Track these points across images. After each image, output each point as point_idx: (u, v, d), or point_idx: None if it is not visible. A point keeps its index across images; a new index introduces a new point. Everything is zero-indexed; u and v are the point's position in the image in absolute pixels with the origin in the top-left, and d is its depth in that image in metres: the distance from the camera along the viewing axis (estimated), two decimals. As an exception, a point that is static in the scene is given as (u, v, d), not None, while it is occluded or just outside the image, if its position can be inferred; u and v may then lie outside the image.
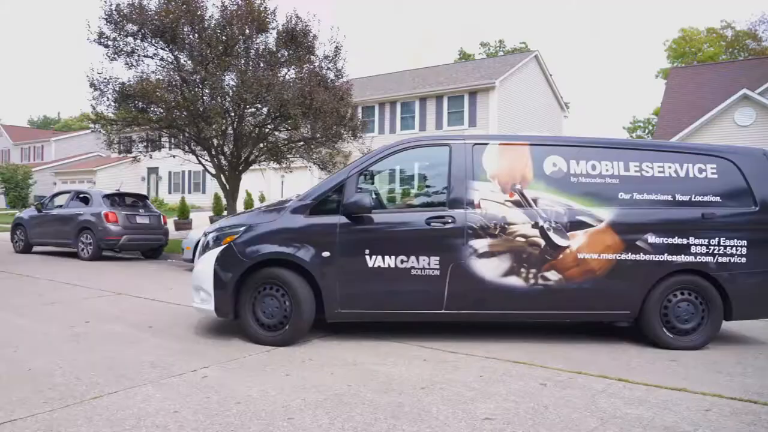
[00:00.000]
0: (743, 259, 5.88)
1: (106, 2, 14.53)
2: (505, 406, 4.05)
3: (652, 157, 6.09)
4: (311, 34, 15.62)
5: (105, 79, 14.93)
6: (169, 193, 39.51)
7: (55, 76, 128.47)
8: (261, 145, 16.31)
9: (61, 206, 14.97)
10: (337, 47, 16.07)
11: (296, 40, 15.36)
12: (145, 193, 35.16)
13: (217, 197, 23.89)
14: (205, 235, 6.25)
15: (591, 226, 5.81)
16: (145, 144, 17.23)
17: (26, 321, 6.75)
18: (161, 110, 14.92)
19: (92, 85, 14.93)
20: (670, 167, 6.03)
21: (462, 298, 5.76)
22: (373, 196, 6.10)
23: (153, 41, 14.96)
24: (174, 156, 17.53)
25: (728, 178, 6.04)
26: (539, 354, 5.50)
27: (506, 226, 5.77)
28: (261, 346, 5.64)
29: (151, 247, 14.75)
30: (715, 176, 6.03)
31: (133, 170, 39.00)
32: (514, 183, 5.90)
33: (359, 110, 22.24)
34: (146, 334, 6.17)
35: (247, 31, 14.61)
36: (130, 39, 14.92)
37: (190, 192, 37.42)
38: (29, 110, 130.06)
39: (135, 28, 14.61)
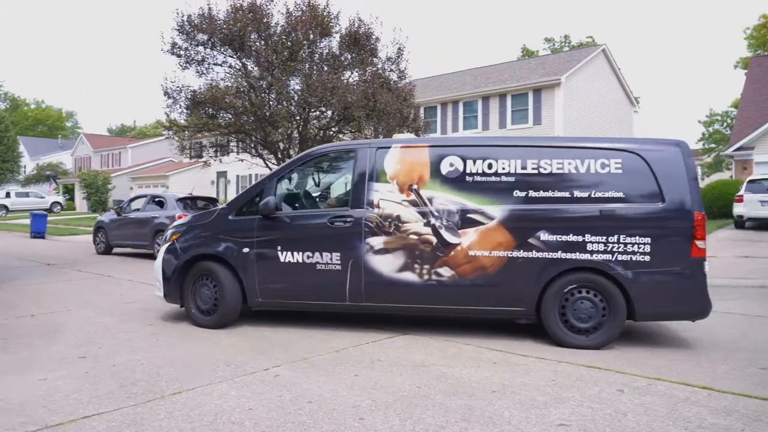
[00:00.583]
0: (647, 258, 5.59)
1: (178, 14, 15.16)
2: (580, 412, 3.92)
3: (552, 153, 5.95)
4: (374, 37, 15.76)
5: (177, 87, 15.61)
6: (237, 195, 40.78)
7: (132, 86, 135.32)
8: (325, 147, 16.57)
9: (138, 210, 15.69)
10: (399, 49, 16.14)
11: (359, 43, 15.53)
12: (214, 196, 36.39)
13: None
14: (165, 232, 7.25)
15: (482, 224, 5.90)
16: (214, 149, 17.86)
17: (109, 319, 7.11)
18: (230, 116, 15.44)
19: (166, 93, 15.62)
20: (570, 163, 5.85)
21: (362, 291, 6.15)
22: (284, 199, 6.77)
23: (222, 49, 15.51)
24: (242, 160, 18.06)
25: (634, 173, 5.74)
26: (613, 359, 5.30)
27: (401, 224, 6.07)
28: (328, 348, 5.71)
29: (222, 248, 15.22)
30: (620, 171, 5.74)
31: (203, 174, 40.48)
32: (411, 183, 6.14)
33: (421, 111, 22.20)
34: (219, 333, 6.36)
35: (312, 36, 14.90)
36: (200, 48, 15.53)
37: (257, 195, 38.47)
38: (108, 119, 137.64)
39: (205, 37, 15.20)
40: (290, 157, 16.39)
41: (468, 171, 6.04)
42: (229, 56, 15.73)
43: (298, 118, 15.60)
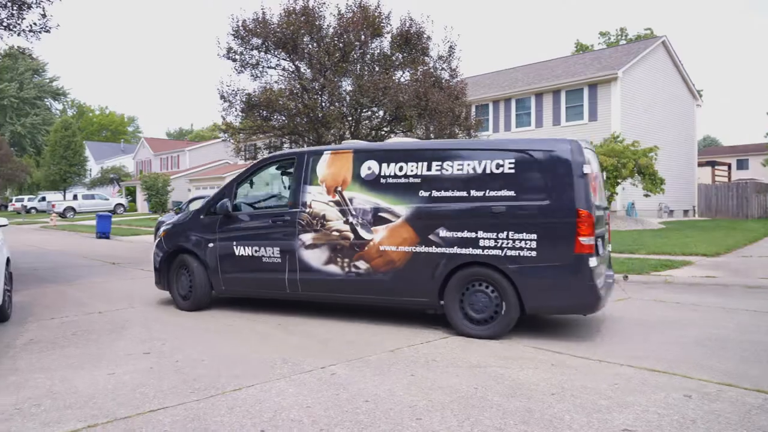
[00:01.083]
0: (533, 253, 5.85)
1: (233, 19, 15.53)
2: (646, 418, 3.78)
3: (454, 156, 6.36)
4: (425, 35, 15.71)
5: (233, 91, 15.99)
6: (290, 196, 41.41)
7: (189, 91, 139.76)
8: (377, 147, 16.64)
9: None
10: (451, 47, 16.03)
11: (410, 42, 15.52)
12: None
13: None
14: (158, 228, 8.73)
15: (390, 221, 6.47)
16: (268, 150, 18.21)
17: (171, 316, 7.36)
18: (283, 118, 15.71)
19: (222, 97, 16.02)
20: (468, 165, 6.21)
21: (298, 282, 6.99)
22: (244, 200, 7.75)
23: (275, 52, 15.80)
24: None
25: (525, 173, 6.02)
26: (678, 363, 5.09)
27: (326, 222, 6.82)
28: (384, 348, 5.72)
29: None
30: (513, 171, 6.02)
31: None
32: (336, 186, 6.84)
33: (473, 109, 21.96)
34: (276, 330, 6.48)
35: (363, 36, 14.97)
36: (254, 52, 15.88)
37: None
38: (167, 123, 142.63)
39: (259, 41, 15.52)
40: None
41: (382, 174, 6.60)
42: (283, 59, 16.02)
43: (350, 118, 15.73)
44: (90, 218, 33.84)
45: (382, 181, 6.59)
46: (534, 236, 5.84)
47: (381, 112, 15.75)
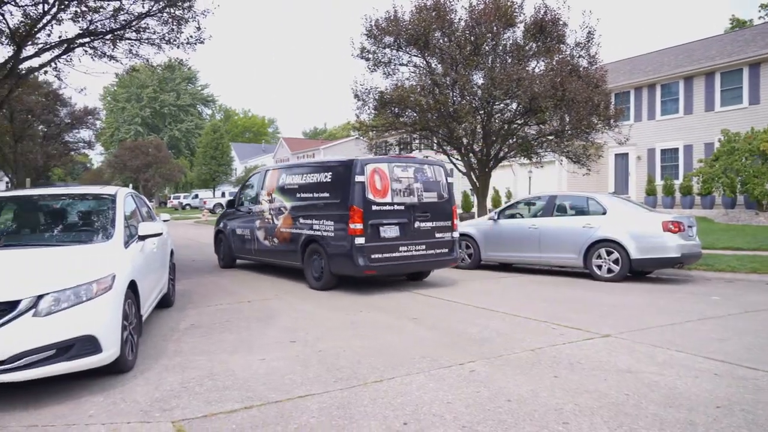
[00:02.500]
0: (332, 233, 8.78)
1: (366, 20, 15.92)
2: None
3: (309, 170, 9.70)
4: (561, 22, 15.03)
5: (366, 89, 16.38)
6: (420, 192, 41.78)
7: (322, 92, 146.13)
8: (510, 141, 16.21)
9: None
10: (589, 32, 15.19)
11: (545, 30, 14.93)
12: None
13: (465, 195, 24.49)
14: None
15: (284, 212, 9.96)
16: (400, 147, 18.47)
17: (309, 306, 7.70)
18: (414, 114, 15.82)
19: (356, 95, 16.50)
20: (315, 176, 9.39)
21: (256, 250, 10.87)
22: (245, 199, 11.55)
23: (407, 49, 15.96)
24: (426, 157, 18.41)
25: (333, 181, 8.95)
26: None
27: (263, 212, 10.60)
28: (524, 347, 5.54)
29: (408, 243, 15.70)
30: (329, 180, 9.05)
31: (387, 172, 42.23)
32: (269, 190, 10.47)
33: (612, 97, 20.64)
34: (411, 324, 6.53)
35: (495, 28, 14.65)
36: (387, 50, 16.16)
37: (438, 190, 39.02)
38: (303, 123, 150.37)
39: (391, 39, 15.76)
40: (473, 152, 16.39)
41: (287, 183, 10.06)
42: (414, 55, 16.13)
43: (481, 112, 15.48)
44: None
45: (287, 187, 10.02)
46: (332, 222, 8.79)
47: (514, 105, 15.31)
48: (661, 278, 10.54)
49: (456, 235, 9.56)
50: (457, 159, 17.11)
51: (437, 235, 9.19)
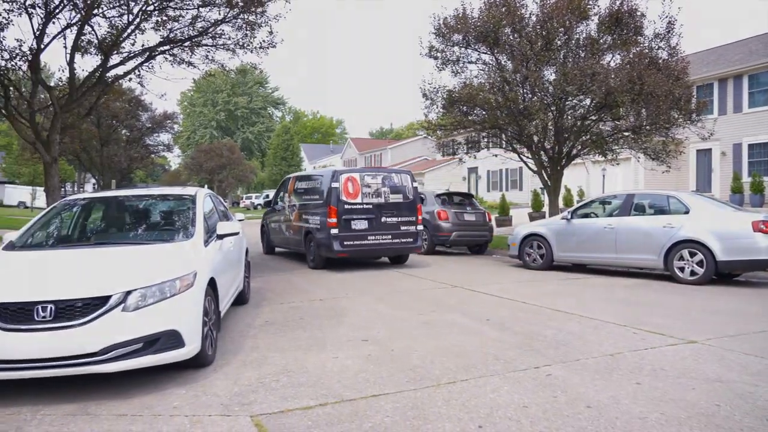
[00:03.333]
0: (318, 226, 11.32)
1: (434, 18, 15.83)
2: None
3: (308, 178, 12.79)
4: (638, 13, 14.38)
5: (434, 88, 16.26)
6: (488, 191, 41.16)
7: (388, 92, 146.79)
8: (583, 137, 15.68)
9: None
10: (670, 22, 14.43)
11: (621, 22, 14.32)
12: (466, 191, 37.30)
13: (535, 194, 23.93)
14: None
15: (295, 210, 12.58)
16: (468, 146, 18.24)
17: (383, 306, 7.72)
18: (483, 112, 15.58)
19: (424, 95, 16.41)
20: (311, 183, 12.37)
21: (281, 239, 13.70)
22: (279, 199, 14.05)
23: (476, 47, 15.73)
24: (495, 155, 18.11)
25: (322, 187, 11.66)
26: None
27: (284, 209, 13.33)
28: (602, 351, 5.33)
29: (478, 243, 15.49)
30: (318, 186, 11.91)
31: (454, 171, 41.93)
32: (289, 192, 13.12)
33: (694, 90, 19.56)
34: (485, 326, 6.42)
35: (568, 22, 14.20)
36: (455, 48, 15.98)
37: (507, 189, 38.33)
38: (369, 124, 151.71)
39: (459, 37, 15.58)
40: (544, 150, 15.96)
41: (296, 187, 12.85)
42: (483, 53, 15.87)
43: (553, 108, 15.04)
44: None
45: (299, 190, 12.64)
46: (318, 216, 11.37)
47: (587, 101, 14.79)
48: (751, 282, 9.91)
49: (420, 227, 11.91)
50: (527, 157, 16.73)
51: (402, 227, 11.59)
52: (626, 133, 15.31)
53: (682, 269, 9.45)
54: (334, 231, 10.91)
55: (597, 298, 8.31)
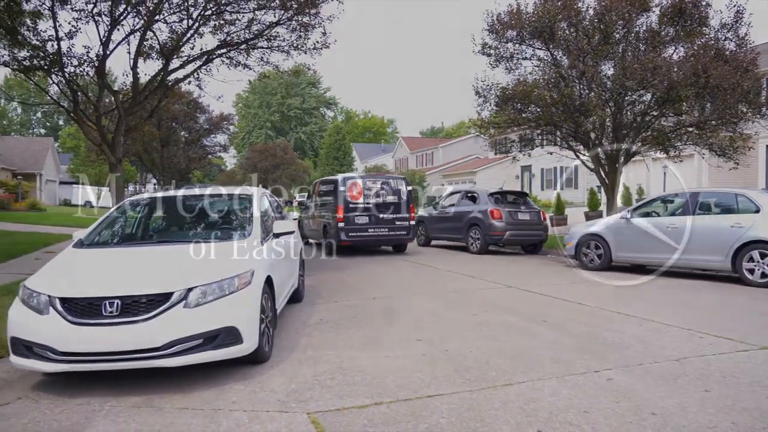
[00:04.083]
0: (331, 221, 14.18)
1: (488, 14, 15.62)
2: None
3: (325, 183, 15.99)
4: (703, 3, 13.77)
5: (487, 86, 16.06)
6: (542, 189, 40.34)
7: (438, 91, 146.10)
8: (643, 134, 15.14)
9: (452, 205, 16.64)
10: (738, 12, 13.76)
11: (685, 13, 13.76)
12: (519, 189, 36.63)
13: (592, 192, 23.31)
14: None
15: (318, 208, 15.58)
16: (522, 143, 17.91)
17: (435, 306, 7.67)
18: (538, 109, 15.28)
19: (477, 93, 16.23)
20: (326, 187, 15.39)
21: (310, 231, 16.20)
22: (307, 200, 17.58)
23: (530, 43, 15.45)
24: (550, 153, 17.71)
25: (333, 190, 14.49)
26: None
27: (311, 207, 16.51)
28: (666, 356, 5.12)
29: (532, 242, 15.19)
30: (331, 189, 14.80)
31: (507, 169, 41.29)
32: (314, 194, 16.23)
33: (765, 82, 18.58)
34: (541, 327, 6.28)
35: (627, 14, 13.74)
36: (509, 45, 15.75)
37: (562, 188, 37.44)
38: (420, 123, 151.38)
39: (513, 33, 15.34)
40: (602, 147, 15.50)
41: (319, 189, 15.80)
42: (538, 49, 15.57)
43: (611, 104, 14.60)
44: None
45: (320, 192, 15.44)
46: (331, 214, 13.97)
47: (648, 96, 14.27)
48: (828, 285, 9.31)
49: (412, 222, 14.59)
50: (583, 154, 16.30)
51: (397, 222, 14.13)
52: (690, 129, 14.70)
53: (751, 271, 8.99)
54: (341, 225, 13.61)
55: (658, 300, 8.00)
